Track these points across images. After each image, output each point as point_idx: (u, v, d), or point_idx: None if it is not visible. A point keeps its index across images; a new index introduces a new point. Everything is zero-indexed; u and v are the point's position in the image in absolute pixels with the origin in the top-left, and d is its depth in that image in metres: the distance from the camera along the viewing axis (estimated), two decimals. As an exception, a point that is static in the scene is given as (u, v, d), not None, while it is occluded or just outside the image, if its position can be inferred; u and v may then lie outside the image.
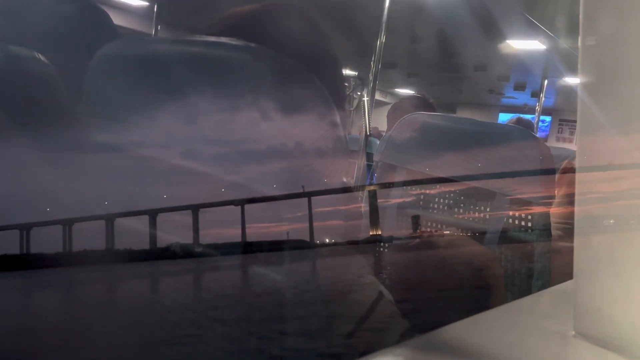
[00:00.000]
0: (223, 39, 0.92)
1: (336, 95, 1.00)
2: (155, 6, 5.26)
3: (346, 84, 5.85)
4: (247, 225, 0.94)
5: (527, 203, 1.82)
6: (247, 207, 0.89)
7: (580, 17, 0.65)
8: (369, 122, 4.37)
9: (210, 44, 0.92)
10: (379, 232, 1.94)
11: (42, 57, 0.84)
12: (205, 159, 0.75)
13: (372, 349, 0.73)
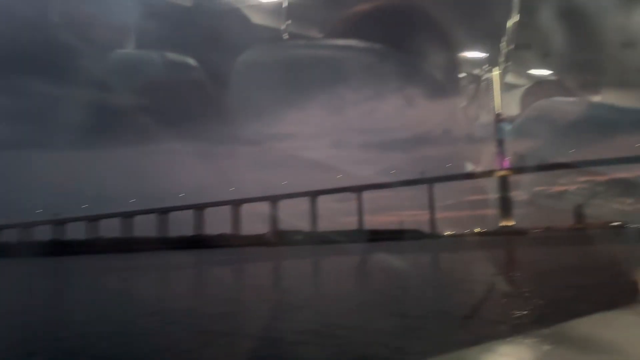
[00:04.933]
0: (352, 42, 2.85)
1: (458, 82, 3.70)
2: (286, 2, 5.05)
3: (475, 68, 4.48)
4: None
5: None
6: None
7: None
8: (499, 107, 4.67)
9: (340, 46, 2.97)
10: (511, 223, 4.11)
11: (193, 62, 4.01)
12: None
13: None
